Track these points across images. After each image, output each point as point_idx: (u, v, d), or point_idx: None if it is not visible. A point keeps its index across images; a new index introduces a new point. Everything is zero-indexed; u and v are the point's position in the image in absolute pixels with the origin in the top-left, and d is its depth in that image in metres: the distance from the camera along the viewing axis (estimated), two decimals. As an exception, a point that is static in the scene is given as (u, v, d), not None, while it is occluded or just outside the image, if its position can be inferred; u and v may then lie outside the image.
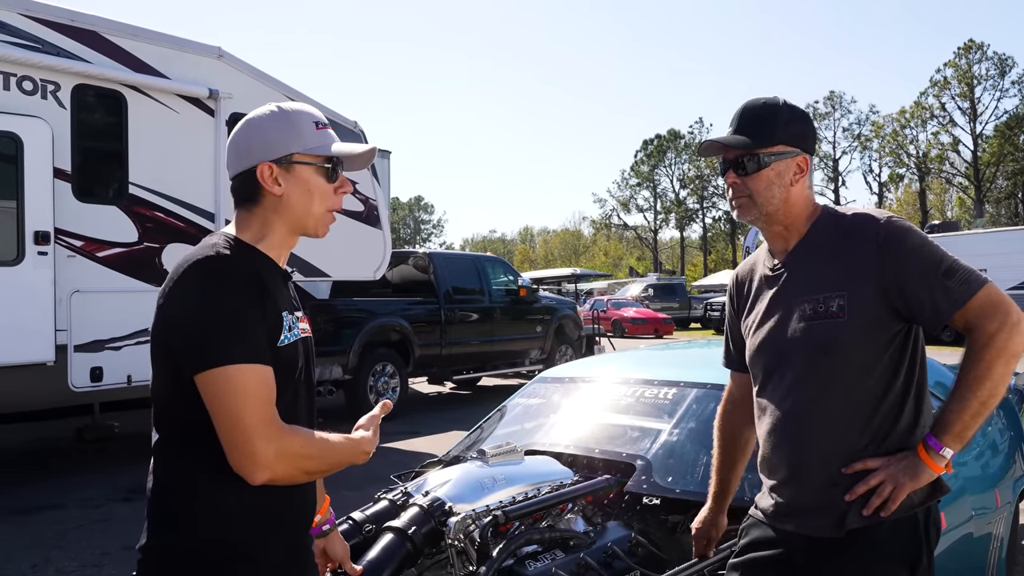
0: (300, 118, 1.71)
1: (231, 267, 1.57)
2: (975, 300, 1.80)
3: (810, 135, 2.03)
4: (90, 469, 7.78)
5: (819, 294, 1.92)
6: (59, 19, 7.03)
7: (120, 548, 5.27)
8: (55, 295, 6.80)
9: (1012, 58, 50.79)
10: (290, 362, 1.64)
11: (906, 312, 1.86)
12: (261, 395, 1.51)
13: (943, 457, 1.83)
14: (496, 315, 12.64)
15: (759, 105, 2.00)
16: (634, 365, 3.95)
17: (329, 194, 1.71)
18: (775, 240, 2.06)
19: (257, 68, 8.52)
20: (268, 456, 1.49)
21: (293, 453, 1.54)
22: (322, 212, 1.71)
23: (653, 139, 68.51)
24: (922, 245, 1.86)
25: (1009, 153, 51.11)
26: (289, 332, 1.63)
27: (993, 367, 1.79)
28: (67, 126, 7.04)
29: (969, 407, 1.81)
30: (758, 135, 1.96)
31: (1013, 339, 1.78)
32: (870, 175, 59.46)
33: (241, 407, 1.49)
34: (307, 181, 1.68)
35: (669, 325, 28.60)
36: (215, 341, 1.51)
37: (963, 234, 25.63)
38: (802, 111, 2.03)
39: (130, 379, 7.33)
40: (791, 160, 1.97)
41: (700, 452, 3.10)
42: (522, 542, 2.53)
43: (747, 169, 1.97)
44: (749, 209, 2.01)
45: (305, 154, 1.68)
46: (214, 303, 1.53)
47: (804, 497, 1.95)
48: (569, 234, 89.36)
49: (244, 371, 1.50)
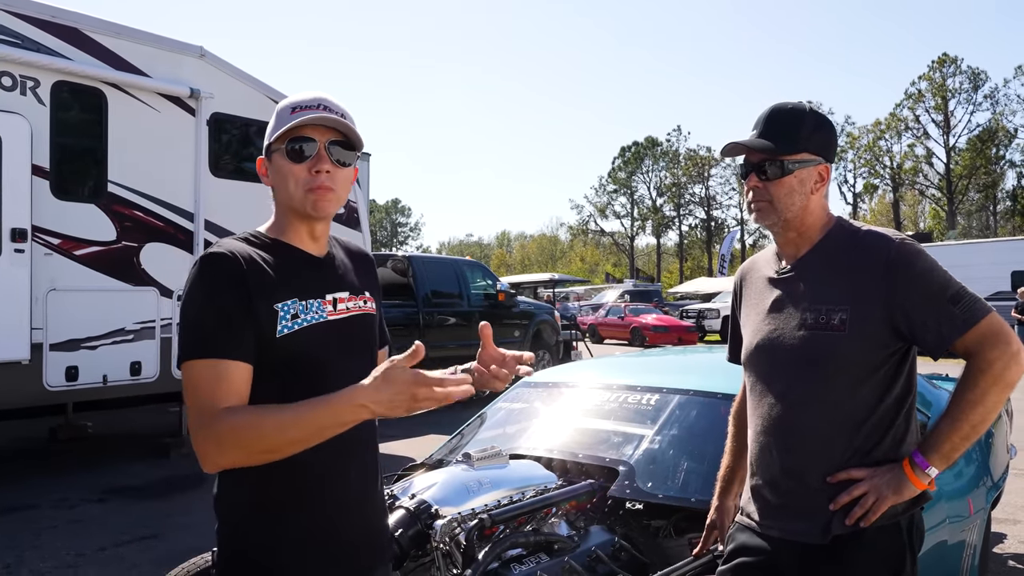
0: (283, 108, 1.71)
1: (212, 265, 1.60)
2: (978, 328, 1.83)
3: (833, 144, 2.04)
4: (64, 469, 7.70)
5: (822, 305, 1.93)
6: (40, 15, 6.97)
7: (95, 549, 5.22)
8: (31, 293, 6.74)
9: (985, 72, 51.71)
10: (300, 350, 1.63)
11: (908, 334, 1.87)
12: (202, 388, 1.54)
13: (928, 475, 1.86)
14: (474, 319, 12.63)
15: (786, 111, 2.00)
16: (616, 371, 3.98)
17: (302, 174, 1.67)
18: (787, 246, 2.07)
19: (239, 68, 8.47)
20: (204, 444, 1.52)
21: (228, 433, 1.49)
22: (301, 193, 1.68)
23: (631, 146, 68.85)
24: (931, 270, 1.88)
25: (981, 166, 51.85)
26: (293, 320, 1.63)
27: (988, 393, 1.82)
28: (46, 123, 6.98)
29: (960, 429, 1.84)
30: (783, 141, 1.96)
31: (1011, 368, 1.82)
32: (845, 185, 60.12)
33: (189, 403, 1.56)
34: (281, 167, 1.70)
35: (693, 334, 25.51)
36: (181, 340, 1.59)
37: (935, 245, 25.93)
38: (827, 119, 2.03)
39: (106, 379, 7.27)
40: (813, 169, 1.98)
41: (682, 458, 3.14)
42: (507, 545, 2.54)
43: (769, 174, 1.97)
44: (768, 214, 2.01)
45: (274, 141, 1.70)
46: (187, 302, 1.60)
47: (790, 502, 1.98)
48: (546, 239, 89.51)
49: (194, 366, 1.55)
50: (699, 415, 3.29)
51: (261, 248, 1.68)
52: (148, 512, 6.21)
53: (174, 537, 5.55)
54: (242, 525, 1.66)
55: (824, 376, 1.92)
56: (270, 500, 1.63)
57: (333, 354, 1.68)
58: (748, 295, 2.19)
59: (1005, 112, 51.38)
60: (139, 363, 7.52)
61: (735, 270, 21.49)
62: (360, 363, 1.70)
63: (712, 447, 2.78)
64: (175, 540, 5.47)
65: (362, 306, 1.80)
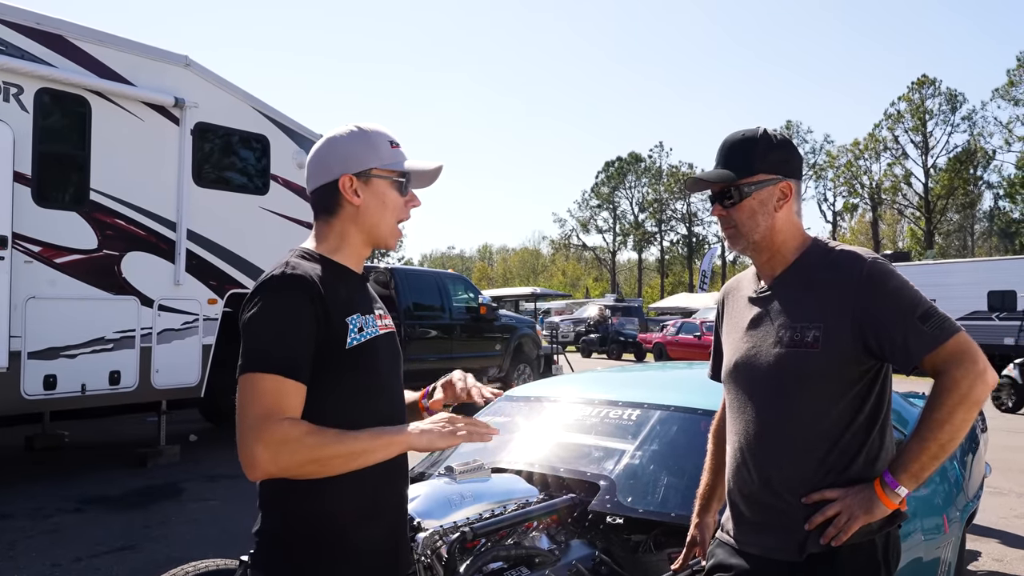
0: (378, 137, 1.85)
1: (293, 284, 1.69)
2: (946, 346, 1.85)
3: (792, 160, 2.07)
4: (40, 479, 7.61)
5: (798, 323, 1.96)
6: (24, 22, 6.96)
7: (71, 559, 5.17)
8: (10, 300, 6.69)
9: (963, 94, 52.33)
10: (365, 360, 1.75)
11: (879, 351, 1.90)
12: (267, 399, 1.60)
13: (898, 494, 1.88)
14: (456, 332, 12.64)
15: (738, 139, 2.06)
16: (598, 386, 4.00)
17: (400, 206, 1.86)
18: (764, 267, 2.11)
19: (224, 78, 8.47)
20: (257, 449, 1.58)
21: (288, 441, 1.58)
22: (393, 223, 1.86)
23: (614, 161, 69.18)
24: (902, 288, 1.91)
25: (959, 187, 52.44)
26: (360, 333, 1.75)
27: (955, 412, 1.84)
28: (29, 130, 6.95)
29: (928, 449, 1.86)
30: (738, 167, 2.02)
31: (976, 387, 1.84)
32: (824, 203, 60.66)
33: (246, 411, 1.60)
34: (383, 194, 1.83)
35: None
36: (250, 350, 1.65)
37: (913, 265, 26.19)
38: (782, 139, 2.08)
39: (84, 388, 7.22)
40: (774, 187, 2.02)
41: (663, 473, 3.16)
42: (489, 559, 2.56)
43: (730, 201, 2.03)
44: (737, 239, 2.07)
45: (382, 169, 1.83)
46: (264, 315, 1.67)
47: (767, 519, 2.00)
48: (528, 253, 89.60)
49: (262, 379, 1.62)
50: (679, 431, 3.32)
51: (320, 263, 1.79)
52: (125, 522, 6.16)
53: (151, 548, 5.51)
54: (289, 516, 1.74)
55: (798, 393, 1.95)
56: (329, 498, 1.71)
57: (387, 365, 1.84)
58: (729, 313, 2.23)
59: (983, 133, 52.09)
60: (118, 372, 7.47)
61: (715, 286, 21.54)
62: (398, 373, 1.91)
63: (692, 463, 2.80)
64: (152, 551, 5.43)
65: (390, 324, 1.93)
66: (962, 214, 56.69)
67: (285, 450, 1.58)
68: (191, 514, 6.48)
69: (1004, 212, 54.62)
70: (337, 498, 1.69)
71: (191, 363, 8.07)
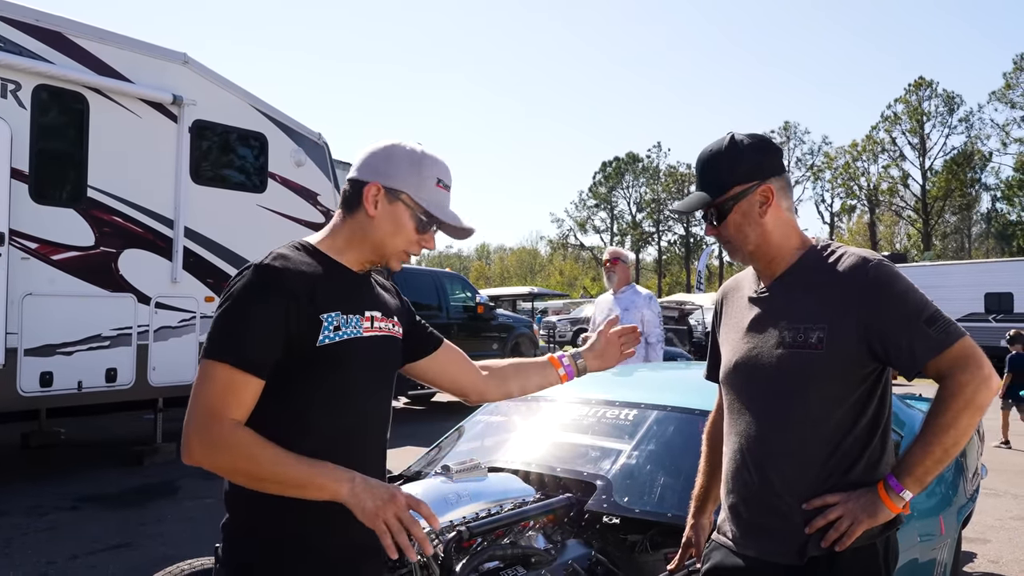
0: (430, 169, 1.85)
1: (267, 276, 1.68)
2: (951, 350, 1.85)
3: (766, 161, 2.04)
4: (36, 476, 7.61)
5: (800, 324, 1.95)
6: (23, 18, 6.95)
7: (67, 557, 5.17)
8: (7, 297, 6.69)
9: (960, 96, 52.39)
10: (336, 360, 1.73)
11: (883, 354, 1.89)
12: (217, 389, 1.62)
13: (902, 498, 1.87)
14: (453, 331, 12.63)
15: (707, 157, 2.06)
16: (595, 386, 4.00)
17: (412, 239, 1.85)
18: (764, 271, 2.10)
19: (223, 76, 8.45)
20: (195, 441, 1.61)
21: (227, 444, 1.59)
22: (400, 249, 1.85)
23: (612, 161, 69.16)
24: (907, 291, 1.90)
25: (957, 188, 52.50)
26: (335, 332, 1.73)
27: (960, 417, 1.84)
28: (26, 126, 6.95)
29: (932, 453, 1.86)
30: (711, 186, 2.03)
31: (981, 392, 1.83)
32: (822, 205, 60.71)
33: (197, 397, 1.63)
34: (400, 218, 1.82)
35: None
36: (213, 337, 1.67)
37: (910, 266, 26.21)
38: (750, 142, 2.04)
39: (81, 385, 7.21)
40: (753, 195, 2.00)
41: (659, 473, 3.16)
42: (485, 558, 2.55)
43: (716, 221, 2.04)
44: (735, 252, 2.08)
45: (413, 200, 1.82)
46: (233, 305, 1.67)
47: (766, 522, 1.99)
48: (526, 252, 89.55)
49: (217, 367, 1.63)
50: (676, 431, 3.32)
51: (314, 257, 1.78)
52: (121, 520, 6.16)
53: (147, 545, 5.51)
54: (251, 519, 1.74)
55: (801, 394, 1.94)
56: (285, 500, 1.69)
57: (362, 370, 1.79)
58: (728, 314, 2.22)
59: (980, 135, 52.15)
60: (115, 370, 7.46)
61: (712, 286, 21.60)
62: (382, 381, 1.86)
63: (688, 463, 2.79)
64: (148, 548, 5.43)
65: (391, 329, 1.90)
66: (959, 216, 56.75)
67: (218, 453, 1.60)
68: (187, 512, 6.47)
69: (1001, 214, 54.68)
70: (301, 503, 1.66)
71: (188, 361, 8.05)
